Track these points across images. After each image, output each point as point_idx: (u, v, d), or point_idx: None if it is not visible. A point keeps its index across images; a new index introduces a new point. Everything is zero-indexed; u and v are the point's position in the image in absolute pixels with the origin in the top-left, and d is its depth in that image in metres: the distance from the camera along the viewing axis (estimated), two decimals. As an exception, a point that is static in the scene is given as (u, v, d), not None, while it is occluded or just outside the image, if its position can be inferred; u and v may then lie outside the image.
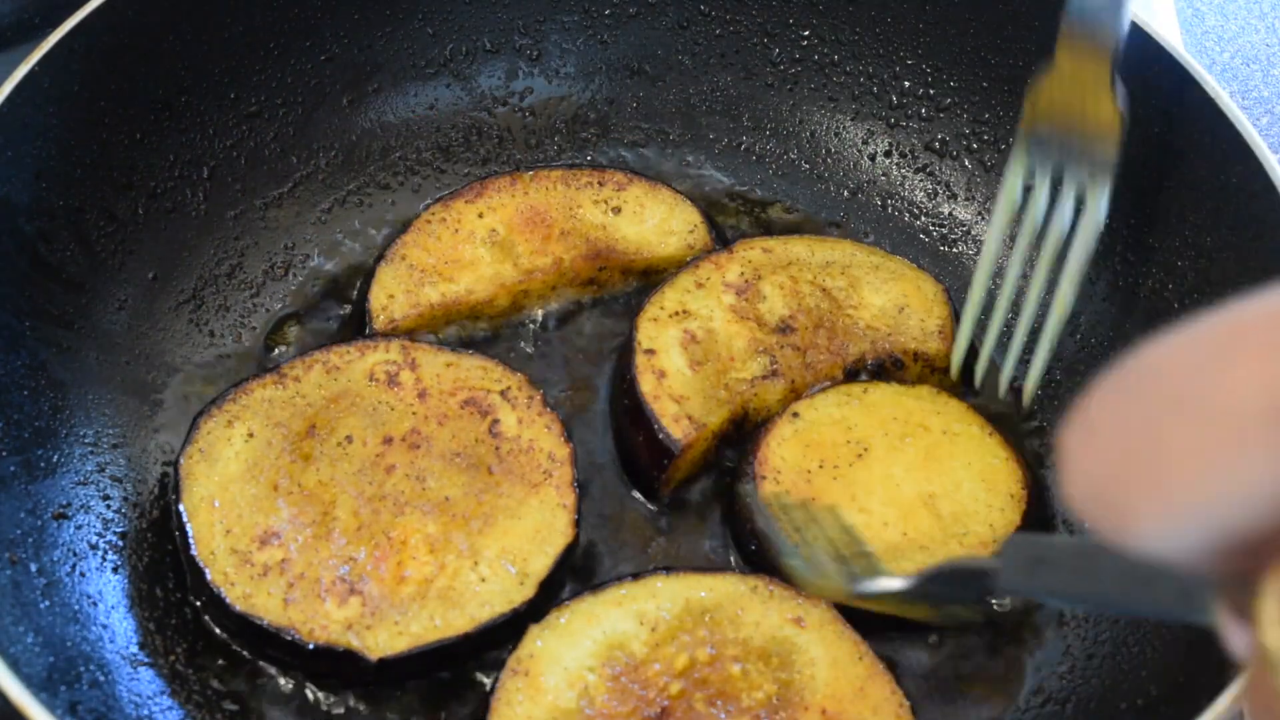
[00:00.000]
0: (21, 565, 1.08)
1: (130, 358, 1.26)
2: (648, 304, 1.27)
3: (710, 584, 1.11)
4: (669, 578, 1.11)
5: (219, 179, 1.35)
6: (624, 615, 1.09)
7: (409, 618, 1.10)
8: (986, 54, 1.37)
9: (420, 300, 1.28)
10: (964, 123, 1.40)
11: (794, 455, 1.18)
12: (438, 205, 1.34)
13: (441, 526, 1.14)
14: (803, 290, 1.29)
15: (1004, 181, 1.19)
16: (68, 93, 1.22)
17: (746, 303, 1.27)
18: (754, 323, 1.26)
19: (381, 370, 1.22)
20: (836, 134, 1.45)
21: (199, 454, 1.16)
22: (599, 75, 1.47)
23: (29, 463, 1.14)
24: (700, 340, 1.25)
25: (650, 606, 1.10)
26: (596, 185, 1.36)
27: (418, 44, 1.43)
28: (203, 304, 1.31)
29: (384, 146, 1.43)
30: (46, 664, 1.02)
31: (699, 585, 1.11)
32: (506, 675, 1.07)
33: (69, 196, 1.23)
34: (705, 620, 1.09)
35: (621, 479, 1.24)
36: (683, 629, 1.09)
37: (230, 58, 1.34)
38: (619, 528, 1.21)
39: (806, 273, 1.30)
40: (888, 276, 1.32)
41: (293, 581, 1.11)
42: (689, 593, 1.11)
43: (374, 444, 1.18)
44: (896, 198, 1.43)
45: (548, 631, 1.09)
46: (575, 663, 1.07)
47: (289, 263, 1.35)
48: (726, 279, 1.29)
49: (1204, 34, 1.69)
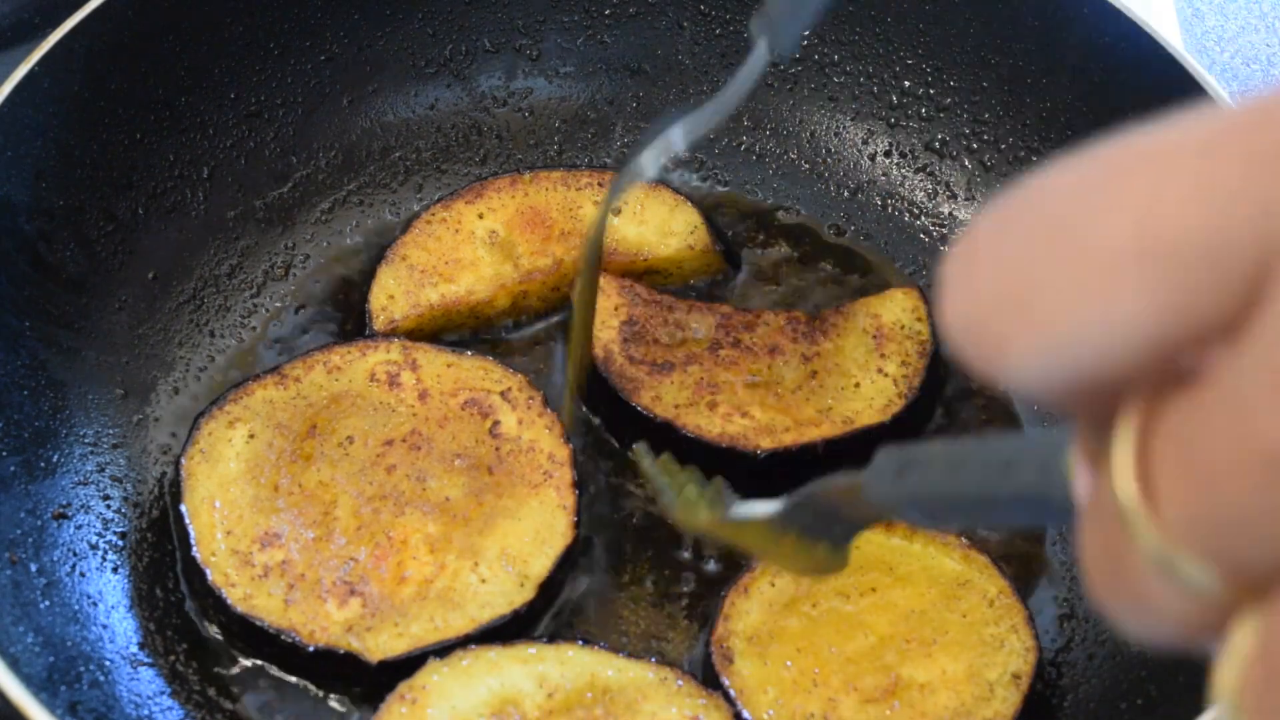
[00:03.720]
0: (21, 565, 1.08)
1: (130, 358, 1.26)
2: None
3: (621, 665, 1.09)
4: (582, 649, 1.09)
5: (219, 179, 1.35)
6: (527, 674, 1.07)
7: (409, 619, 1.10)
8: (986, 54, 1.37)
9: (420, 301, 1.28)
10: (964, 123, 1.41)
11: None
12: (437, 206, 1.34)
13: (442, 527, 1.14)
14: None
15: None
16: (68, 93, 1.22)
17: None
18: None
19: (383, 371, 1.22)
20: (836, 134, 1.45)
21: (200, 455, 1.16)
22: (599, 75, 1.47)
23: (29, 463, 1.14)
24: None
25: (555, 672, 1.08)
26: (597, 186, 1.36)
27: (418, 44, 1.43)
28: (203, 304, 1.31)
29: (384, 146, 1.43)
30: (46, 664, 1.02)
31: (609, 664, 1.09)
32: (394, 699, 1.05)
33: (69, 196, 1.23)
34: (604, 699, 1.07)
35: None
36: (580, 703, 1.07)
37: (230, 58, 1.34)
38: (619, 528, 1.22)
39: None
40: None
41: (293, 582, 1.11)
42: (597, 668, 1.08)
43: (375, 445, 1.18)
44: (896, 198, 1.43)
45: (447, 668, 1.07)
46: (466, 706, 1.05)
47: (289, 263, 1.35)
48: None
49: (1204, 34, 1.69)
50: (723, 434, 1.20)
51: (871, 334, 1.28)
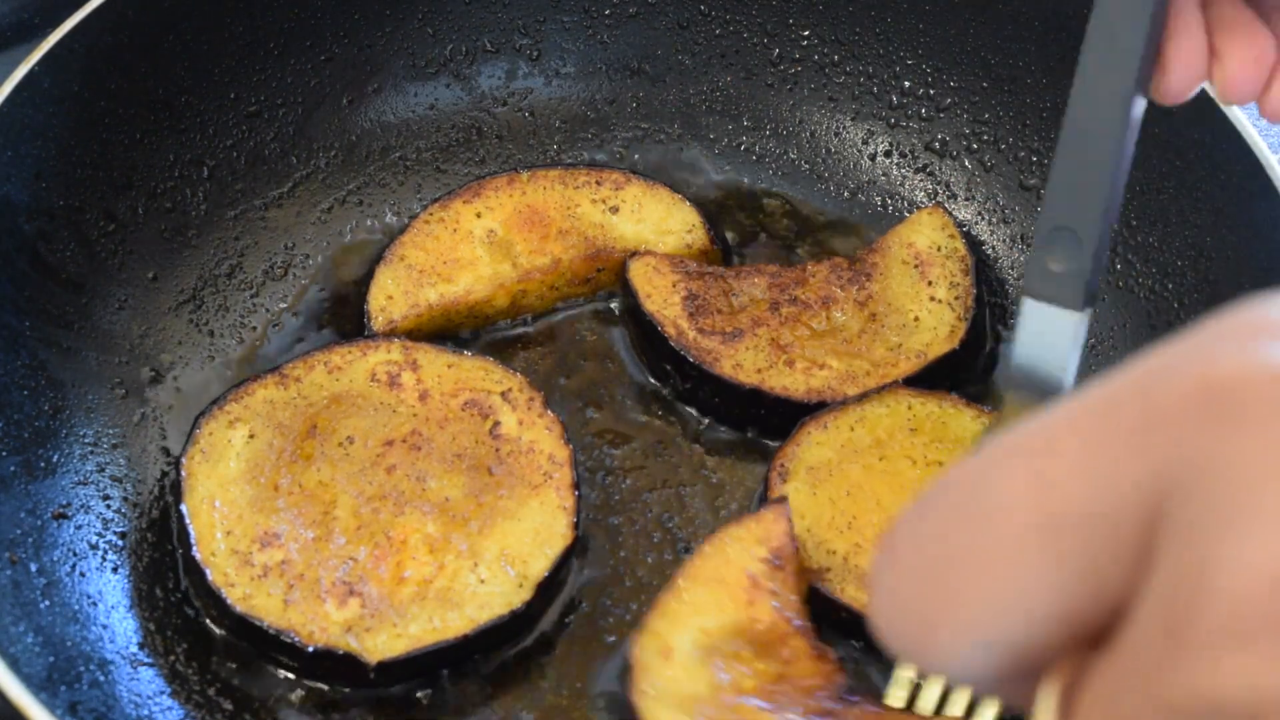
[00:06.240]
0: (21, 565, 1.08)
1: (130, 358, 1.26)
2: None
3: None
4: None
5: (219, 179, 1.35)
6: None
7: (408, 620, 1.10)
8: (986, 54, 1.37)
9: (419, 301, 1.28)
10: (964, 123, 1.41)
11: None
12: (435, 205, 1.34)
13: (441, 527, 1.14)
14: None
15: None
16: (68, 93, 1.22)
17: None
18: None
19: (383, 371, 1.22)
20: (836, 134, 1.45)
21: (200, 455, 1.16)
22: (599, 75, 1.47)
23: (29, 463, 1.14)
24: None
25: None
26: (594, 185, 1.36)
27: (418, 44, 1.43)
28: (203, 304, 1.32)
29: (384, 146, 1.43)
30: (46, 664, 1.02)
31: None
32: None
33: (69, 196, 1.23)
34: None
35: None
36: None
37: (230, 58, 1.34)
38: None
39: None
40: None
41: (293, 582, 1.11)
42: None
43: (375, 445, 1.18)
44: (896, 198, 1.43)
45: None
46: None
47: (289, 263, 1.35)
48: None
49: (1204, 34, 1.69)
50: (809, 390, 1.24)
51: (913, 264, 1.32)
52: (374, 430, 1.19)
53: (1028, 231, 1.38)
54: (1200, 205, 1.23)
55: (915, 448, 1.20)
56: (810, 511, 1.17)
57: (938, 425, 1.21)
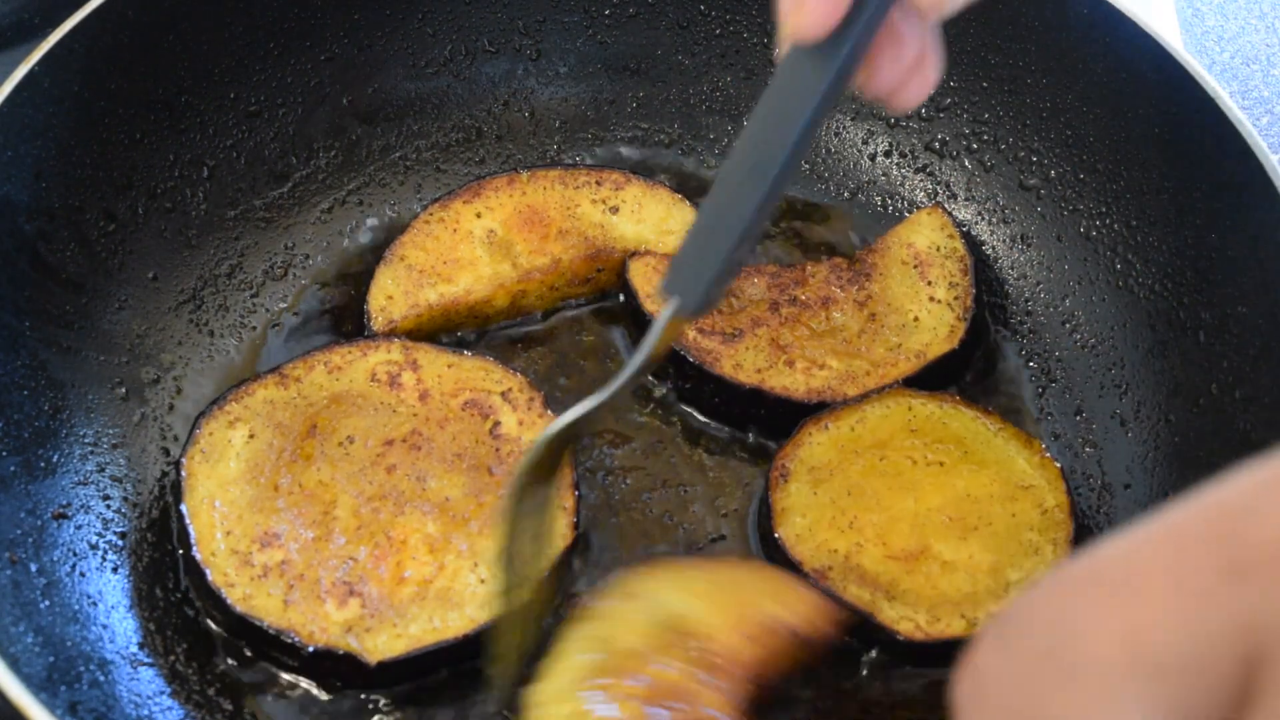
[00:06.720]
0: (21, 565, 1.08)
1: (130, 358, 1.26)
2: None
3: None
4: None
5: (219, 179, 1.35)
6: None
7: (408, 620, 1.10)
8: (986, 54, 1.37)
9: (419, 301, 1.28)
10: (964, 123, 1.41)
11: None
12: (435, 205, 1.34)
13: (441, 527, 1.14)
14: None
15: None
16: (68, 93, 1.22)
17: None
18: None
19: (383, 371, 1.22)
20: (836, 134, 1.45)
21: (200, 455, 1.16)
22: (599, 75, 1.47)
23: (29, 463, 1.14)
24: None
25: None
26: (594, 185, 1.36)
27: (418, 44, 1.43)
28: (203, 304, 1.31)
29: (384, 146, 1.43)
30: (46, 664, 1.02)
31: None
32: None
33: (69, 196, 1.23)
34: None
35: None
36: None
37: (230, 58, 1.34)
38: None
39: None
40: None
41: (293, 582, 1.11)
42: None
43: (375, 445, 1.18)
44: (896, 198, 1.43)
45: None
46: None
47: (289, 263, 1.35)
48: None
49: (1204, 34, 1.69)
50: (809, 390, 1.25)
51: (912, 264, 1.32)
52: (374, 430, 1.19)
53: (1028, 231, 1.38)
54: (1200, 205, 1.23)
55: (915, 448, 1.20)
56: (812, 510, 1.17)
57: (938, 425, 1.21)
